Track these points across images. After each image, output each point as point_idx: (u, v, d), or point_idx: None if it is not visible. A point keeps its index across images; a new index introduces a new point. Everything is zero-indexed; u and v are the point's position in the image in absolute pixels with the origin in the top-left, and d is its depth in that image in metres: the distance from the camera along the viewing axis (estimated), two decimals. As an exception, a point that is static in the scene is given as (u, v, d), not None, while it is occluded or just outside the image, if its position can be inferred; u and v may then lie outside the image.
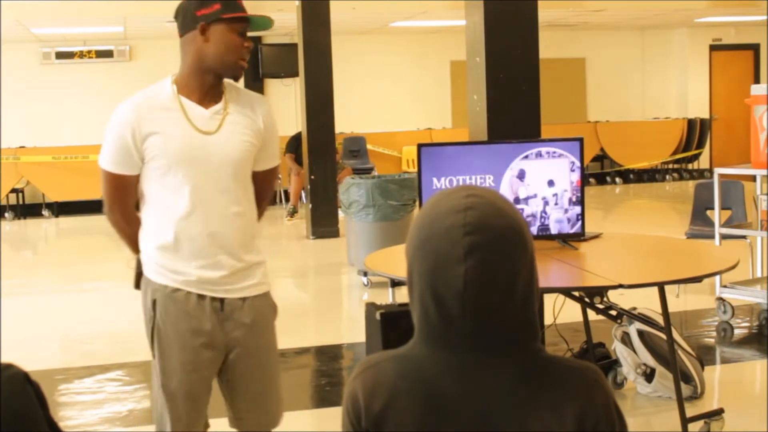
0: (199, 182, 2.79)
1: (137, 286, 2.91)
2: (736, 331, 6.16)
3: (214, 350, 2.86)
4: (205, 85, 2.83)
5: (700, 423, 4.16)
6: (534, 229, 4.07)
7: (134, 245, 2.91)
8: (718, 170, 6.42)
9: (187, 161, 2.78)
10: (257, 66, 15.08)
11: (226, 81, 2.90)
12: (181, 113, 2.79)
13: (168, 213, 2.80)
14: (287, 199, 13.11)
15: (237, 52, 2.80)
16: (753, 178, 6.80)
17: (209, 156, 2.80)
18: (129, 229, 2.90)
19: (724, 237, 6.31)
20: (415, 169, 4.40)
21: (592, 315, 4.50)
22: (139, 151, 2.77)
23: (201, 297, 2.82)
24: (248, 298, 2.89)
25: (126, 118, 2.77)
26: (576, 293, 3.91)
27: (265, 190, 3.06)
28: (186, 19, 2.80)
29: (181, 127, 2.78)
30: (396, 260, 4.03)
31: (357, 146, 14.85)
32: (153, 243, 2.83)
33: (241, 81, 3.00)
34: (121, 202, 2.87)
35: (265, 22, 2.90)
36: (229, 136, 2.83)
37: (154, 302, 2.82)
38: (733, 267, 3.66)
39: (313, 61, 10.61)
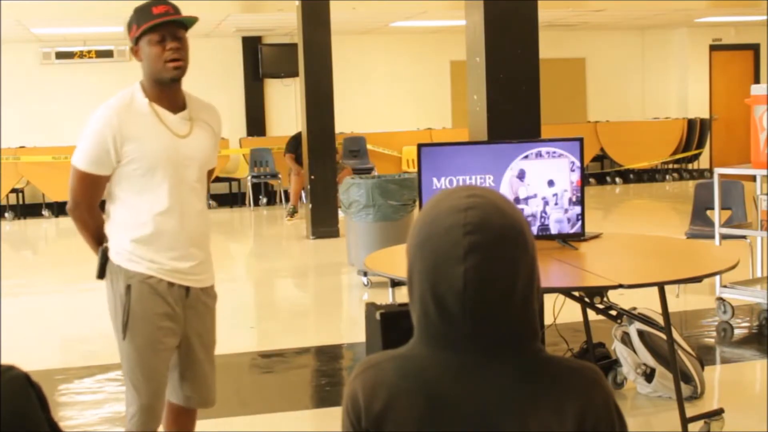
0: (174, 182, 3.07)
1: (101, 275, 3.14)
2: (736, 331, 6.16)
3: (176, 335, 3.15)
4: (165, 95, 3.09)
5: (700, 423, 4.16)
6: (534, 229, 4.07)
7: (95, 240, 3.15)
8: (718, 170, 6.42)
9: (164, 163, 3.04)
10: (257, 66, 15.09)
11: (184, 90, 3.17)
12: (157, 118, 3.06)
13: (146, 209, 3.06)
14: (287, 199, 13.12)
15: (159, 58, 3.02)
16: (753, 178, 6.80)
17: (182, 158, 3.09)
18: (93, 225, 3.14)
19: (724, 237, 6.31)
20: (415, 169, 4.40)
21: (592, 315, 4.50)
22: (117, 154, 3.01)
23: (170, 284, 3.10)
24: (206, 288, 3.22)
25: (108, 121, 3.00)
26: (576, 293, 3.91)
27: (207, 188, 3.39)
28: (130, 41, 3.10)
29: (158, 131, 3.05)
30: (396, 260, 4.03)
31: (357, 146, 14.85)
32: (129, 236, 3.08)
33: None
34: (89, 200, 3.11)
35: (189, 21, 3.08)
36: (199, 140, 3.14)
37: (128, 287, 3.06)
38: (733, 267, 3.66)
39: (313, 61, 10.60)
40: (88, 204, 3.12)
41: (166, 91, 3.08)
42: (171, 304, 3.10)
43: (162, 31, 3.01)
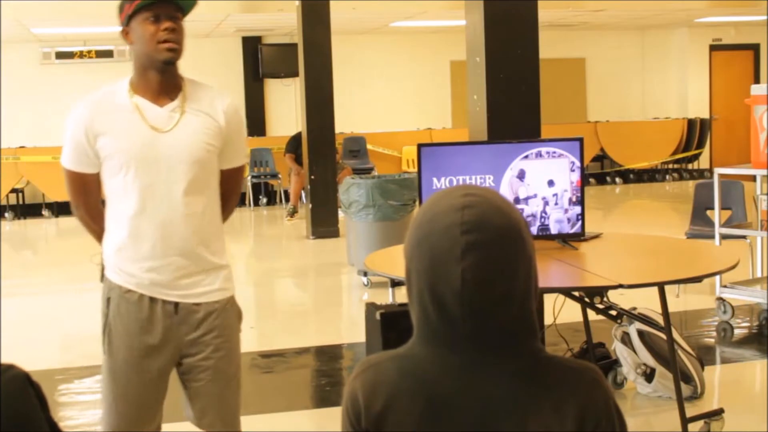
0: (149, 181, 2.74)
1: (103, 279, 2.92)
2: (736, 331, 6.16)
3: (163, 354, 2.82)
4: (153, 83, 2.78)
5: (700, 423, 4.16)
6: (534, 229, 4.07)
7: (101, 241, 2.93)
8: (718, 170, 6.41)
9: (137, 160, 2.73)
10: (257, 66, 15.08)
11: (186, 77, 2.86)
12: (135, 112, 2.76)
13: (120, 213, 2.79)
14: (287, 199, 13.11)
15: (153, 38, 2.72)
16: (753, 178, 6.80)
17: (160, 155, 2.74)
18: (95, 225, 2.90)
19: (724, 237, 6.31)
20: (415, 169, 4.40)
21: (592, 315, 4.50)
22: (93, 150, 2.77)
23: (153, 300, 2.78)
24: (203, 303, 2.82)
25: (80, 116, 2.79)
26: (576, 293, 3.91)
27: (230, 190, 2.97)
28: (120, 24, 2.81)
29: (132, 126, 2.75)
30: (396, 260, 4.03)
31: (357, 146, 14.85)
32: (110, 243, 2.84)
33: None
34: (84, 200, 2.88)
35: (187, 4, 2.79)
36: (184, 135, 2.76)
37: (108, 300, 2.83)
38: (733, 267, 3.65)
39: (313, 61, 10.60)
40: (84, 204, 2.87)
41: (156, 80, 2.76)
42: (153, 323, 2.77)
43: (157, 10, 2.71)
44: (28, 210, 14.01)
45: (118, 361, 2.83)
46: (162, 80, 2.78)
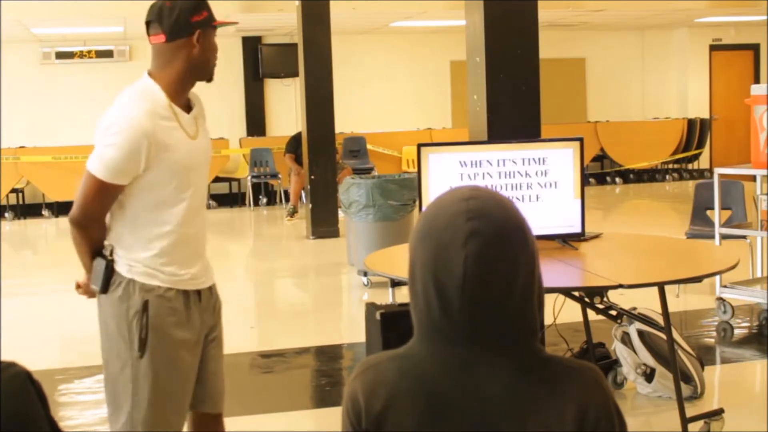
0: (192, 187, 2.87)
1: (105, 290, 2.87)
2: (736, 331, 6.16)
3: (198, 347, 2.94)
4: (187, 90, 2.88)
5: (700, 423, 4.16)
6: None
7: (92, 254, 2.87)
8: (718, 170, 6.42)
9: (184, 168, 2.83)
10: (257, 66, 15.08)
11: None
12: (176, 121, 2.81)
13: (164, 221, 2.83)
14: (287, 199, 13.11)
15: (215, 53, 2.88)
16: (753, 178, 6.80)
17: (195, 162, 2.88)
18: (97, 237, 2.86)
19: (724, 237, 6.31)
20: (415, 169, 4.40)
21: (592, 315, 4.50)
22: (147, 162, 2.74)
23: (186, 294, 2.89)
24: (212, 286, 3.03)
25: (143, 127, 2.72)
26: (576, 293, 3.91)
27: None
28: (179, 26, 2.79)
29: (179, 136, 2.81)
30: (396, 260, 4.03)
31: (357, 146, 14.85)
32: (148, 248, 2.83)
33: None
34: (101, 212, 2.84)
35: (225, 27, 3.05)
36: (204, 142, 2.93)
37: (146, 303, 2.82)
38: (733, 267, 3.66)
39: (313, 61, 10.60)
40: (100, 214, 2.84)
41: (190, 88, 2.89)
42: (189, 315, 2.90)
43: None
44: (28, 210, 14.01)
45: (160, 362, 2.84)
46: (188, 91, 2.91)
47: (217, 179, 13.86)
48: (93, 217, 2.82)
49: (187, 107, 2.88)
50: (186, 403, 2.95)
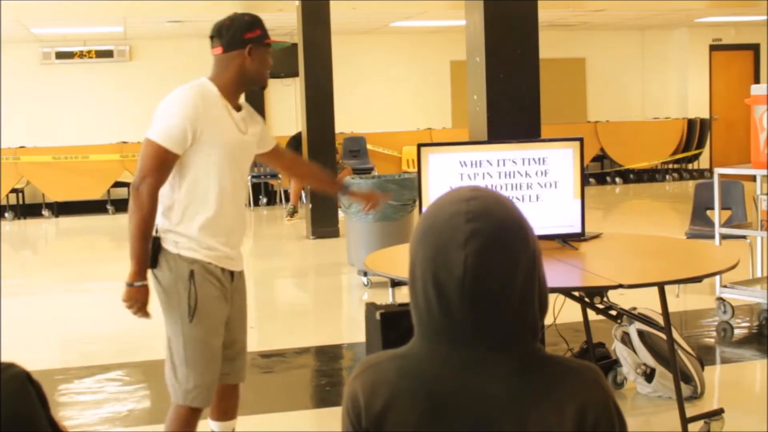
0: (236, 172, 3.33)
1: (154, 264, 3.26)
2: (736, 331, 6.16)
3: (228, 323, 3.39)
4: (239, 95, 3.39)
5: (700, 423, 4.16)
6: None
7: (143, 228, 3.18)
8: (718, 170, 6.41)
9: (232, 155, 3.29)
10: (257, 66, 15.07)
11: None
12: (228, 114, 3.30)
13: (211, 195, 3.25)
14: (287, 199, 13.12)
15: (268, 68, 3.44)
16: (753, 178, 6.80)
17: (244, 153, 3.38)
18: (148, 207, 3.18)
19: (724, 237, 6.31)
20: (415, 169, 4.40)
21: (592, 315, 4.50)
22: (194, 135, 3.18)
23: (223, 270, 3.32)
24: (242, 271, 3.47)
25: (195, 102, 3.20)
26: (576, 293, 3.91)
27: (291, 157, 4.05)
28: (234, 40, 3.33)
29: (230, 125, 3.30)
30: (396, 260, 4.03)
31: (357, 146, 14.85)
32: (194, 221, 3.25)
33: None
34: (159, 178, 3.19)
35: (280, 46, 3.63)
36: (252, 140, 3.43)
37: (191, 273, 3.23)
38: (733, 267, 3.66)
39: (313, 61, 10.61)
40: (158, 181, 3.18)
41: (239, 94, 3.38)
42: (226, 290, 3.33)
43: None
44: (28, 210, 14.01)
45: (207, 327, 3.28)
46: (239, 96, 3.41)
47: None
48: (151, 182, 3.16)
49: (237, 108, 3.37)
50: (219, 365, 3.35)
